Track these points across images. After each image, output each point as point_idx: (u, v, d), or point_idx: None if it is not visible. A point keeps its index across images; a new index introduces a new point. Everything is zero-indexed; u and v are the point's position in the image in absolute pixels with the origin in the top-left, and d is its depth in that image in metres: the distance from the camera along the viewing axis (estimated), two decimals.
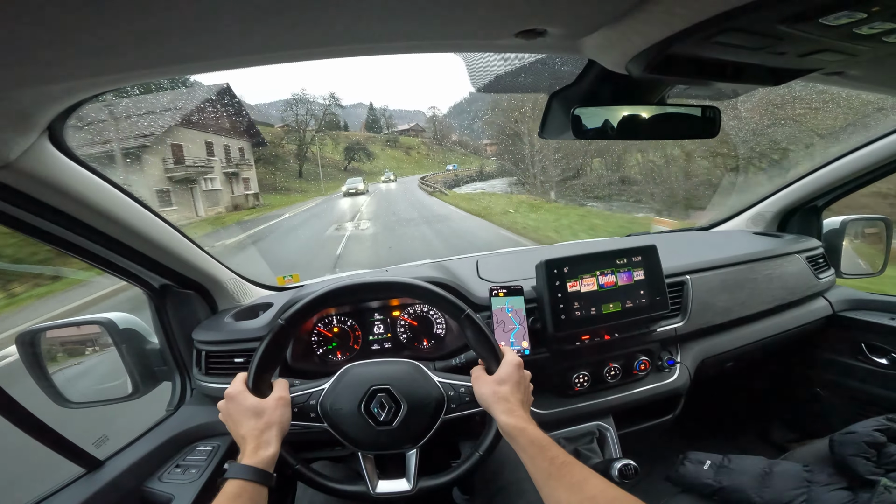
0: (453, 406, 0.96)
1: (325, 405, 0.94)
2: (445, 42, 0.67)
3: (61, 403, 1.20)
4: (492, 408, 0.87)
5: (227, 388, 0.89)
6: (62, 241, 0.95)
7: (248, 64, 0.65)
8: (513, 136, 31.10)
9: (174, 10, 0.46)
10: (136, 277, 1.20)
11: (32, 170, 0.77)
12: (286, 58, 0.64)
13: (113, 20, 0.46)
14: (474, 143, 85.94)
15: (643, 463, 1.15)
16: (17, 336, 1.15)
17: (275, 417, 0.86)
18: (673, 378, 1.45)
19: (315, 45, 0.62)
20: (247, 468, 0.78)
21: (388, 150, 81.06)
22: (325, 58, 0.66)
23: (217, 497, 0.74)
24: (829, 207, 1.93)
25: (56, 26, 0.45)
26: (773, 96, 9.83)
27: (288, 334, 0.96)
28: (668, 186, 15.39)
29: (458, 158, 79.33)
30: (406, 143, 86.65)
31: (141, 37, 0.51)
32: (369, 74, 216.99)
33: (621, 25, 0.61)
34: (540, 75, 0.98)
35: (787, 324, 1.69)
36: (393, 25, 0.59)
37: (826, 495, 1.06)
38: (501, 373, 0.91)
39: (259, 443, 0.82)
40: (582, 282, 1.28)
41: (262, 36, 0.56)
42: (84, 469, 1.07)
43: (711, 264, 1.59)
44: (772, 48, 0.62)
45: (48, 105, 0.69)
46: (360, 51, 0.65)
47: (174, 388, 1.37)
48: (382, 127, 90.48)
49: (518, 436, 0.80)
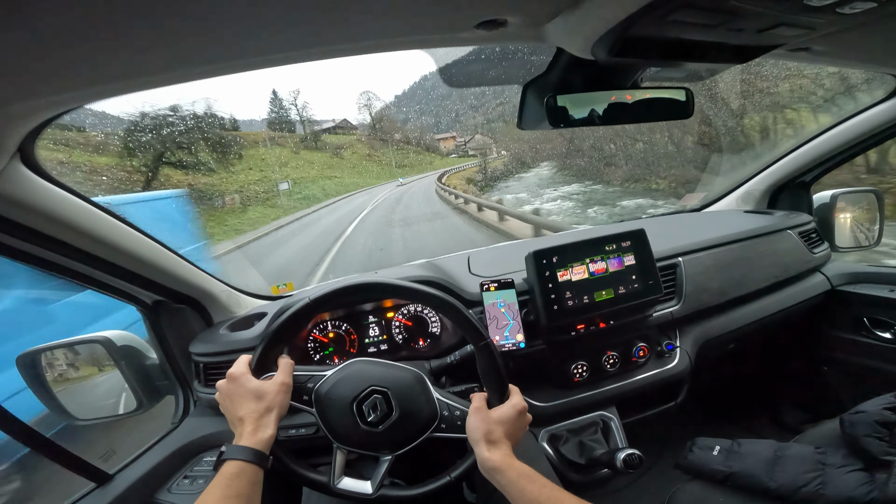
0: (443, 426, 0.95)
1: (322, 391, 0.94)
2: (409, 39, 0.68)
3: (68, 421, 1.23)
4: (477, 442, 0.86)
5: (229, 369, 0.90)
6: (48, 262, 0.96)
7: (205, 75, 0.66)
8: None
9: (127, 25, 0.47)
10: (127, 296, 1.21)
11: (7, 193, 0.77)
12: (242, 66, 0.65)
13: (66, 39, 0.47)
14: (428, 137, 77.40)
15: (651, 451, 1.15)
16: (17, 358, 1.16)
17: (276, 402, 0.86)
18: (673, 363, 1.45)
19: (280, 51, 0.63)
20: (245, 449, 0.79)
21: (308, 154, 59.36)
22: (288, 63, 0.67)
23: (216, 478, 0.75)
24: (817, 182, 1.93)
25: (10, 46, 0.46)
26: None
27: (309, 315, 0.96)
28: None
29: (415, 158, 70.51)
30: (335, 142, 67.78)
31: (98, 53, 0.52)
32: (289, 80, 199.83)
33: (579, 10, 0.62)
34: (511, 66, 0.99)
35: (786, 301, 1.68)
36: (356, 26, 0.60)
37: (841, 477, 1.04)
38: (502, 412, 0.90)
39: (258, 425, 0.82)
40: (572, 270, 1.28)
41: (220, 46, 0.57)
42: (94, 483, 1.09)
43: (703, 245, 1.58)
44: (729, 24, 0.63)
45: (13, 125, 0.69)
46: (321, 54, 0.66)
47: (177, 401, 1.38)
48: (298, 124, 71.77)
49: (506, 469, 0.80)
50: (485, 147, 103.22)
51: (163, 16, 0.46)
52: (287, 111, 73.74)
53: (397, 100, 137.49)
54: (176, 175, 32.40)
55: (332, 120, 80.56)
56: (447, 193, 21.05)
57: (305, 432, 1.13)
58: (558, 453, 1.31)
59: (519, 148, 44.26)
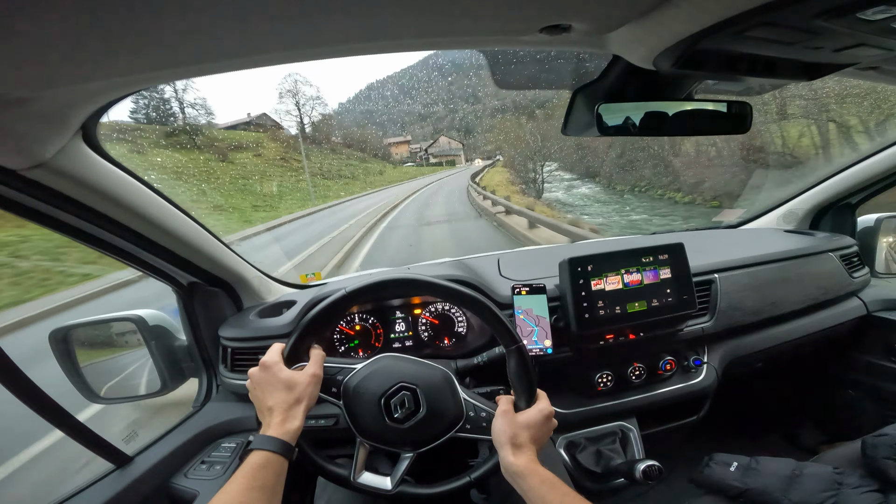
0: (468, 427, 0.94)
1: (350, 384, 0.94)
2: (469, 38, 0.67)
3: (91, 398, 1.24)
4: (502, 446, 0.86)
5: (262, 357, 0.90)
6: (95, 238, 0.98)
7: (278, 61, 0.66)
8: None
9: (203, 10, 0.47)
10: (165, 275, 1.23)
11: (67, 169, 0.79)
12: (313, 55, 0.65)
13: (142, 20, 0.47)
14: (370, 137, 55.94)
15: (666, 464, 1.14)
16: (50, 333, 1.18)
17: (305, 394, 0.86)
18: (699, 379, 1.43)
19: (346, 42, 0.62)
20: (273, 440, 0.79)
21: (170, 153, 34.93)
22: (354, 55, 0.66)
23: (241, 467, 0.75)
24: (862, 205, 1.87)
25: (87, 27, 0.47)
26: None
27: (346, 306, 0.95)
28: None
29: (359, 168, 49.12)
30: (237, 139, 44.82)
31: (169, 36, 0.52)
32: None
33: (648, 21, 0.60)
34: (563, 71, 0.97)
35: (820, 324, 1.64)
36: (418, 22, 0.59)
37: (856, 498, 1.04)
38: (529, 416, 0.89)
39: (286, 416, 0.82)
40: (606, 280, 1.26)
41: (292, 33, 0.57)
42: (114, 465, 1.11)
43: (741, 263, 1.55)
44: (807, 43, 0.60)
45: (81, 105, 0.71)
46: (384, 48, 0.65)
47: (200, 384, 1.40)
48: (179, 115, 50.88)
49: (530, 475, 0.80)
50: (452, 153, 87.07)
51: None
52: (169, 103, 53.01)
53: (341, 107, 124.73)
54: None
55: (247, 114, 62.21)
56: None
57: (325, 423, 1.14)
58: (574, 460, 1.31)
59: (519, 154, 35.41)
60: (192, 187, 29.25)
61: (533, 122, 38.03)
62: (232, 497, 0.70)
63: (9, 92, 0.59)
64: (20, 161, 0.73)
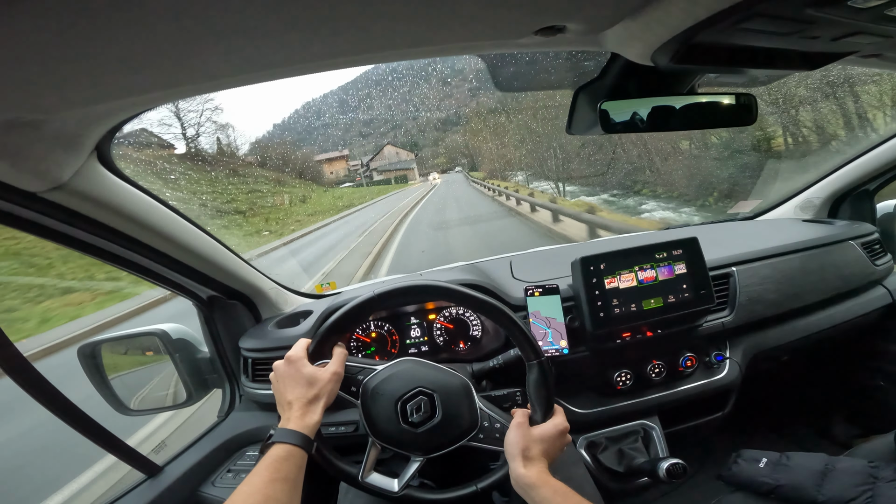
0: (480, 436, 0.95)
1: (370, 385, 0.96)
2: (466, 44, 0.67)
3: (122, 411, 1.27)
4: (514, 457, 0.86)
5: (288, 352, 0.92)
6: (116, 257, 1.01)
7: (280, 76, 0.67)
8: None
9: (206, 26, 0.48)
10: (185, 290, 1.27)
11: (85, 189, 0.82)
12: (309, 69, 0.66)
13: (148, 41, 0.48)
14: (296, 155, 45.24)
15: (691, 461, 1.12)
16: (78, 348, 1.22)
17: (325, 390, 0.88)
18: (722, 374, 1.41)
19: (341, 55, 0.64)
20: (294, 433, 0.81)
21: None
22: (350, 66, 0.68)
23: (263, 459, 0.77)
24: (880, 191, 1.84)
25: (99, 50, 0.48)
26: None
27: (372, 308, 0.97)
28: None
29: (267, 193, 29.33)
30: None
31: (176, 54, 0.53)
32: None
33: (643, 17, 0.60)
34: (562, 71, 0.97)
35: (845, 314, 1.60)
36: (413, 32, 0.60)
37: (892, 492, 1.00)
38: (544, 430, 0.90)
39: (306, 410, 0.84)
40: (620, 278, 1.25)
41: (291, 48, 0.58)
42: (145, 475, 1.14)
43: (759, 254, 1.52)
44: (803, 32, 0.60)
45: (94, 125, 0.73)
46: (378, 58, 0.66)
47: (224, 395, 1.43)
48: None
49: (541, 486, 0.80)
50: (402, 167, 72.82)
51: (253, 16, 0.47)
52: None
53: (276, 127, 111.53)
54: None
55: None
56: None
57: (345, 430, 1.15)
58: (596, 460, 1.30)
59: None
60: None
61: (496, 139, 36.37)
62: (256, 489, 0.71)
63: (24, 115, 0.60)
64: (39, 184, 0.75)
